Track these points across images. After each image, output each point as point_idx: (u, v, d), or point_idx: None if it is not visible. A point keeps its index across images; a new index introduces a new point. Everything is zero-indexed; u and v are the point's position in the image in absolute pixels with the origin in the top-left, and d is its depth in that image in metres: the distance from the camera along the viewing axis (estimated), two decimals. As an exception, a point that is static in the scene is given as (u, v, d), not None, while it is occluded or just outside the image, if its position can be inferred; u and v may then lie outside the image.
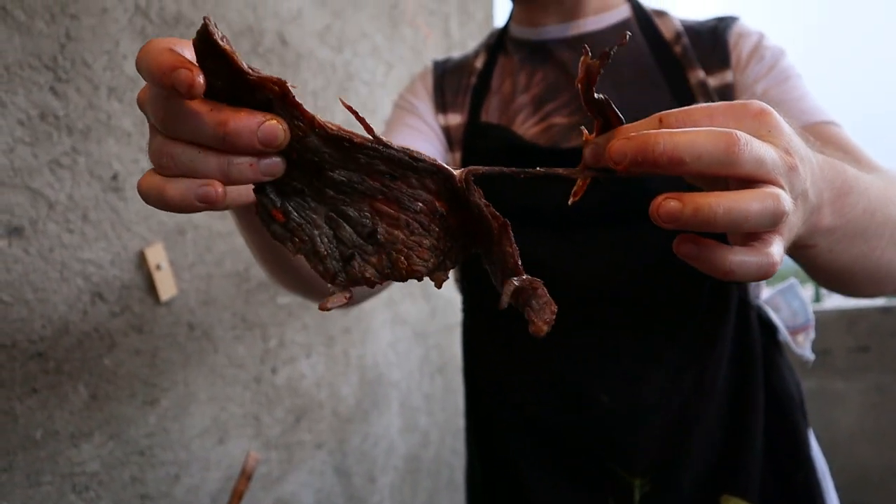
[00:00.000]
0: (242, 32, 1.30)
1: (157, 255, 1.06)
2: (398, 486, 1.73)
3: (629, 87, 0.84)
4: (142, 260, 1.05)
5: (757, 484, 0.81)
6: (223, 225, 1.21)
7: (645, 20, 0.89)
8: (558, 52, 0.89)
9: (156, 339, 1.08)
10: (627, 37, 0.41)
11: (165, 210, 0.38)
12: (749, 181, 0.39)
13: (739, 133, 0.37)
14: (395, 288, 1.69)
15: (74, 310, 0.96)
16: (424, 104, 0.95)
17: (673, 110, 0.41)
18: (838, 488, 0.88)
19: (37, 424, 0.92)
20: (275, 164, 0.37)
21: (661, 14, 0.90)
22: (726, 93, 0.81)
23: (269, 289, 1.30)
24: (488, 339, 0.93)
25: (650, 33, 0.87)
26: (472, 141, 0.90)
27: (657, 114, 0.41)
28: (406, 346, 1.76)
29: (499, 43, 0.97)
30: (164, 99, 0.36)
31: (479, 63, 0.97)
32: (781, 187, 0.39)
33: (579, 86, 0.43)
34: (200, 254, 1.16)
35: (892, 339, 2.22)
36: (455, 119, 0.93)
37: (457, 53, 1.04)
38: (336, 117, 1.54)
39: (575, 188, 0.46)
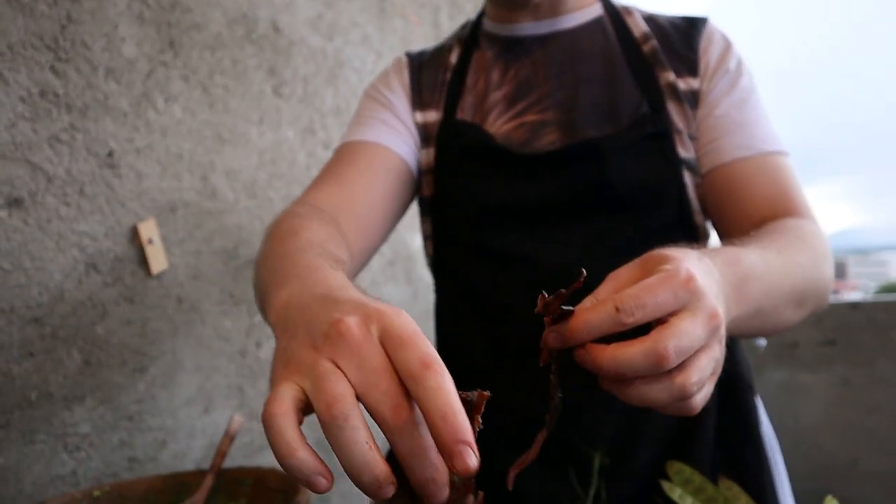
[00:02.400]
0: (237, 19, 1.35)
1: (149, 230, 1.11)
2: (377, 462, 1.79)
3: (600, 84, 0.87)
4: (134, 234, 1.10)
5: (709, 458, 0.87)
6: (213, 204, 1.26)
7: (616, 18, 0.92)
8: (532, 49, 0.91)
9: (146, 309, 1.13)
10: (584, 275, 0.48)
11: None
12: None
13: (670, 348, 0.45)
14: (378, 270, 1.74)
15: (70, 279, 1.01)
16: (400, 100, 0.96)
17: (627, 296, 0.46)
18: (804, 477, 0.93)
19: (32, 386, 0.97)
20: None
21: (630, 12, 0.93)
22: (693, 99, 0.86)
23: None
24: (459, 320, 0.96)
25: (621, 32, 0.91)
26: (446, 139, 0.92)
27: (613, 301, 0.47)
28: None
29: (472, 37, 0.98)
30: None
31: (453, 58, 0.98)
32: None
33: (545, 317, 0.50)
34: (191, 230, 1.21)
35: (858, 334, 2.29)
36: (432, 116, 0.95)
37: (429, 46, 1.04)
38: (325, 103, 1.59)
39: (542, 356, 0.53)
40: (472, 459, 0.36)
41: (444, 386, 0.37)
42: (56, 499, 0.76)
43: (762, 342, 0.98)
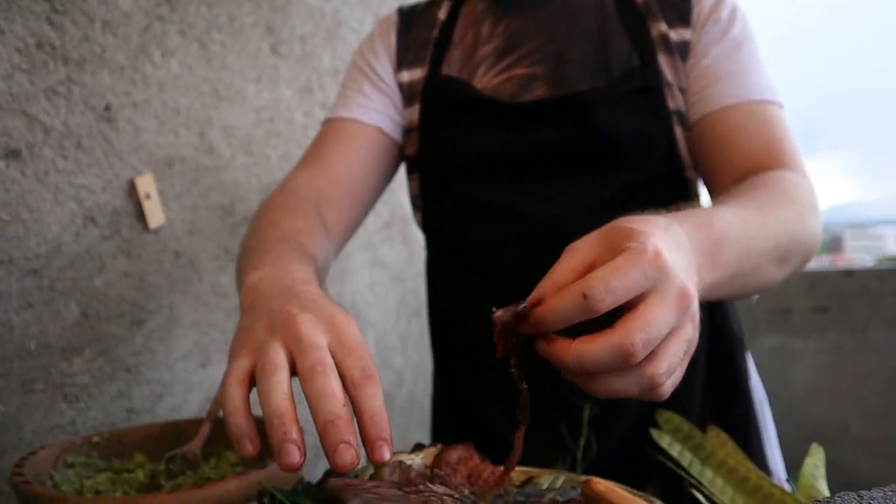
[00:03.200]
0: (233, -26, 1.34)
1: (146, 185, 1.12)
2: (372, 421, 1.82)
3: (590, 39, 0.87)
4: (132, 188, 1.11)
5: (697, 411, 0.88)
6: (210, 160, 1.26)
7: None
8: (524, 2, 0.90)
9: (143, 264, 1.14)
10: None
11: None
12: None
13: (637, 343, 0.42)
14: (374, 232, 1.75)
15: (67, 231, 1.02)
16: (383, 65, 0.96)
17: (596, 281, 0.43)
18: (795, 442, 0.94)
19: (31, 336, 0.98)
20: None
21: None
22: (684, 50, 0.85)
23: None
24: (448, 277, 0.96)
25: None
26: (431, 95, 0.92)
27: (581, 288, 0.43)
28: (384, 288, 1.83)
29: None
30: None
31: (442, 14, 0.97)
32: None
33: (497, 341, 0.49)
34: (188, 186, 1.22)
35: (851, 301, 2.31)
36: (416, 74, 0.94)
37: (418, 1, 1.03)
38: (323, 62, 1.58)
39: (497, 349, 0.50)
40: (387, 453, 0.43)
41: (377, 395, 0.45)
42: (55, 444, 0.78)
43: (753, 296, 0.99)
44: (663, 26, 0.85)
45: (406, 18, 0.99)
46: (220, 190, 1.28)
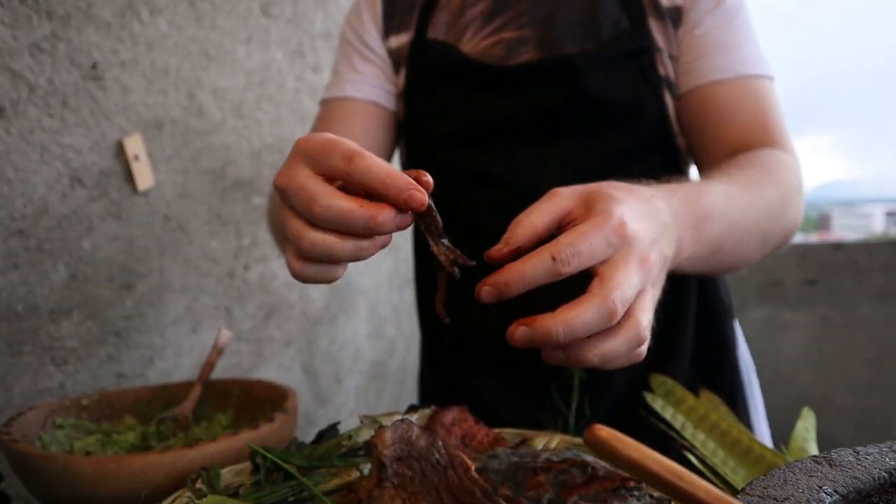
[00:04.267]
0: (223, -69, 1.31)
1: (135, 146, 1.10)
2: (363, 389, 1.82)
3: (578, 1, 0.84)
4: (120, 149, 1.09)
5: (685, 377, 0.88)
6: (200, 122, 1.24)
7: None
8: None
9: (133, 227, 1.12)
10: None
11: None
12: None
13: (616, 300, 0.44)
14: (368, 199, 1.74)
15: (54, 191, 1.00)
16: (370, 34, 0.94)
17: (563, 245, 0.45)
18: (781, 411, 0.94)
19: (18, 298, 0.97)
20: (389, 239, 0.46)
21: None
22: (676, 16, 0.83)
23: (243, 188, 1.34)
24: None
25: None
26: (417, 59, 0.90)
27: (549, 251, 0.45)
28: (376, 256, 1.82)
29: None
30: (321, 195, 0.42)
31: None
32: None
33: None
34: (177, 148, 1.20)
35: (840, 274, 2.32)
36: (402, 39, 0.92)
37: None
38: (315, 25, 1.55)
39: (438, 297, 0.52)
40: (422, 196, 0.43)
41: (371, 163, 0.42)
42: (45, 405, 0.77)
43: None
44: None
45: None
46: (210, 153, 1.26)
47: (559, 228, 0.50)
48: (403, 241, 1.94)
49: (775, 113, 0.80)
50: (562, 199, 0.50)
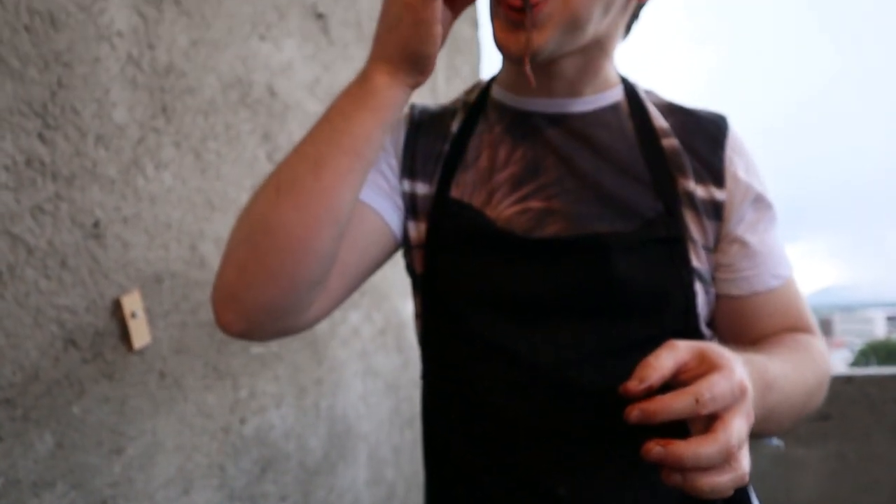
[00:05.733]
0: (231, 84, 1.33)
1: (132, 303, 1.06)
2: (361, 539, 1.72)
3: (612, 177, 0.82)
4: (117, 307, 1.05)
5: None
6: (200, 273, 1.21)
7: (636, 106, 0.86)
8: (542, 128, 0.85)
9: (126, 386, 1.07)
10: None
11: None
12: None
13: (734, 445, 0.56)
14: (369, 340, 1.69)
15: (46, 356, 0.96)
16: (389, 160, 0.88)
17: (703, 390, 0.56)
18: None
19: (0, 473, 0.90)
20: None
21: (652, 99, 0.88)
22: (714, 211, 0.81)
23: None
24: (442, 408, 0.90)
25: (640, 122, 0.85)
26: (439, 218, 0.86)
27: (693, 393, 0.56)
28: (377, 398, 1.76)
29: (479, 104, 0.91)
30: None
31: (455, 126, 0.90)
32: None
33: None
34: (177, 302, 1.16)
35: (852, 408, 2.25)
36: (423, 189, 0.88)
37: (435, 105, 0.95)
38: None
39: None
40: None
41: None
42: None
43: (778, 442, 0.96)
44: (691, 184, 0.81)
45: (417, 121, 0.91)
46: (209, 305, 1.22)
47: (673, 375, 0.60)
48: (405, 380, 1.88)
49: (805, 306, 0.87)
50: (681, 351, 0.60)
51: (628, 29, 0.86)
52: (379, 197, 0.86)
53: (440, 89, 2.17)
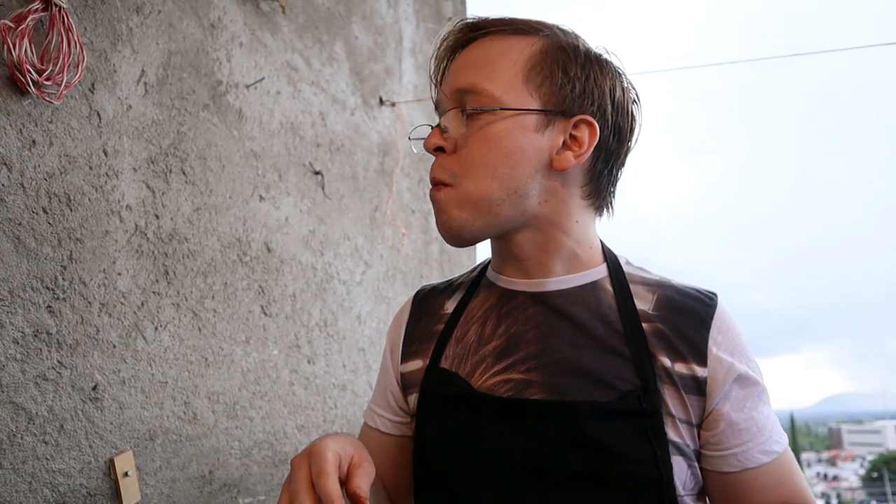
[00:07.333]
0: (231, 244, 1.42)
1: (125, 463, 1.11)
2: None
3: (590, 352, 0.87)
4: (110, 467, 1.10)
5: None
6: (192, 428, 1.26)
7: (620, 286, 0.91)
8: (526, 305, 0.92)
9: (113, 547, 1.10)
10: None
11: None
12: None
13: None
14: None
15: (38, 521, 1.00)
16: (395, 359, 1.02)
17: None
18: None
19: None
20: None
21: (635, 279, 0.93)
22: (695, 387, 0.85)
23: (231, 490, 1.33)
24: None
25: (622, 301, 0.90)
26: (430, 386, 0.94)
27: None
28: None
29: (476, 281, 1.02)
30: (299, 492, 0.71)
31: (450, 307, 1.01)
32: None
33: None
34: (168, 458, 1.21)
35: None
36: (416, 364, 0.98)
37: (443, 282, 1.07)
38: (312, 317, 1.63)
39: None
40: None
41: (325, 483, 0.69)
42: None
43: None
44: (667, 362, 0.85)
45: (418, 307, 1.05)
46: (200, 459, 1.27)
47: None
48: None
49: (801, 478, 0.89)
50: None
51: (606, 206, 0.95)
52: (388, 421, 1.02)
53: (433, 231, 2.27)
